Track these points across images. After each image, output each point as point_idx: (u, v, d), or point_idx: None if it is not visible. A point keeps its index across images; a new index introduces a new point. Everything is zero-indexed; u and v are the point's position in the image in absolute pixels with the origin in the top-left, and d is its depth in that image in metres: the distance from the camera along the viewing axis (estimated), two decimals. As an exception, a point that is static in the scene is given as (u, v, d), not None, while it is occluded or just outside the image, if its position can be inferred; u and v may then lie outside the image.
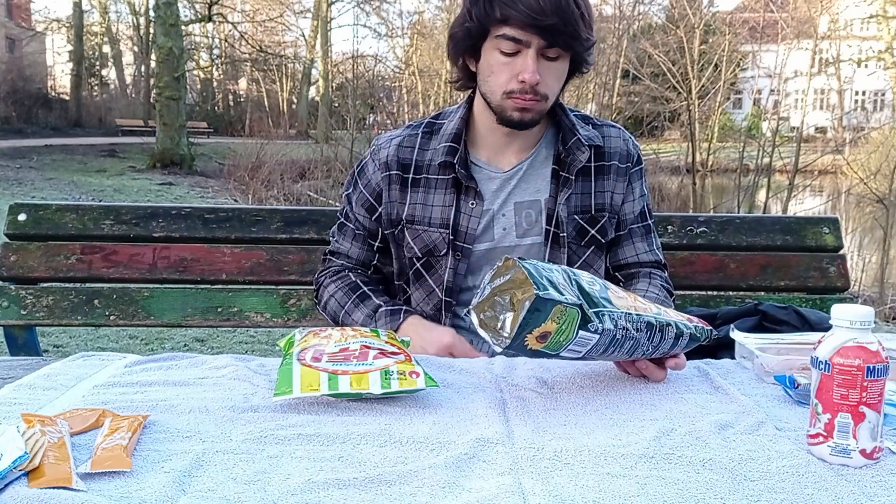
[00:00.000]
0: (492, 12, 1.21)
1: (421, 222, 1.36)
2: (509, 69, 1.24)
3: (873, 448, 0.78)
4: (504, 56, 1.24)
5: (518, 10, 1.19)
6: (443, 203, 1.35)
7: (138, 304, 1.74)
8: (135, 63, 32.72)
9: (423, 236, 1.35)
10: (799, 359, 0.98)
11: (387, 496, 0.70)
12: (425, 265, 1.37)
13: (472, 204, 1.34)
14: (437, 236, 1.35)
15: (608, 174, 1.38)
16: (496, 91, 1.27)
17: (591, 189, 1.36)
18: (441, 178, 1.35)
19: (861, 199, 8.92)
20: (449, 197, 1.35)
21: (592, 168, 1.37)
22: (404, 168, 1.37)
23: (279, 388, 0.92)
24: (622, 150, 1.40)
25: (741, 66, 17.90)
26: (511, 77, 1.24)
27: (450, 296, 1.36)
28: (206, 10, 18.52)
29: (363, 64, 22.74)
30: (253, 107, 30.38)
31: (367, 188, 1.41)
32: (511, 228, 1.35)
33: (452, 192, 1.35)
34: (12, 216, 1.77)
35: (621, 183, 1.39)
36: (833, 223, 1.84)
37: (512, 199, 1.35)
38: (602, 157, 1.38)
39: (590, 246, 1.37)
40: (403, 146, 1.39)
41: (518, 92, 1.25)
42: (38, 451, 0.73)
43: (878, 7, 19.02)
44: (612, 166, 1.38)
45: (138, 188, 11.80)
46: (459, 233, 1.34)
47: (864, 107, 24.73)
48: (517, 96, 1.25)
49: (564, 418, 0.90)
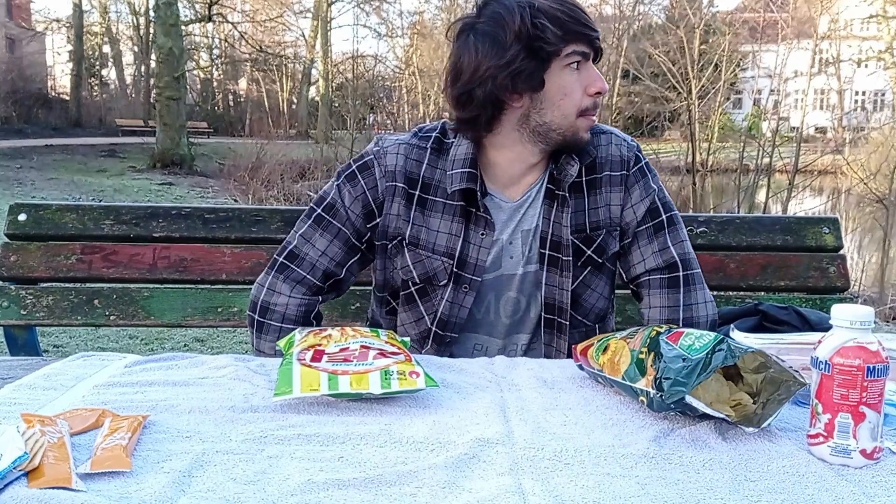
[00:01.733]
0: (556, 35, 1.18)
1: (425, 247, 1.29)
2: (579, 86, 1.22)
3: (873, 448, 0.78)
4: (574, 72, 1.21)
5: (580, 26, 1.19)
6: (449, 231, 1.28)
7: (138, 304, 1.74)
8: (135, 63, 32.73)
9: (426, 262, 1.29)
10: (799, 359, 0.98)
11: (387, 496, 0.70)
12: (420, 291, 1.31)
13: (482, 234, 1.28)
14: (438, 265, 1.28)
15: (600, 187, 1.31)
16: (570, 113, 1.22)
17: (584, 206, 1.30)
18: (450, 203, 1.28)
19: (861, 199, 8.92)
20: (457, 225, 1.28)
21: (584, 183, 1.30)
22: (411, 183, 1.29)
23: (279, 389, 0.92)
24: (614, 157, 1.32)
25: (741, 66, 17.91)
26: (582, 94, 1.22)
27: (441, 327, 1.30)
28: (206, 10, 18.51)
29: (363, 64, 22.78)
30: (253, 107, 30.42)
31: (370, 191, 1.30)
32: (519, 258, 1.30)
33: (461, 220, 1.28)
34: (12, 216, 1.77)
35: (618, 193, 1.31)
36: (833, 223, 1.84)
37: (520, 228, 1.30)
38: (593, 170, 1.31)
39: (587, 266, 1.30)
40: (412, 158, 1.30)
41: (592, 108, 1.24)
42: (38, 451, 0.73)
43: (878, 7, 19.00)
44: (604, 178, 1.31)
45: (138, 188, 11.80)
46: (468, 264, 1.28)
47: (864, 107, 24.72)
48: (591, 113, 1.24)
49: (564, 418, 0.90)
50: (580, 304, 1.32)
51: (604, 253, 1.31)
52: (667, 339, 0.90)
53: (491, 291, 1.31)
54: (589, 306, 1.34)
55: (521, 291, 1.32)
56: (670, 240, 1.33)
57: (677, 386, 0.83)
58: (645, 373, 0.89)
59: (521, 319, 1.34)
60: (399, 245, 1.30)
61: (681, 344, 0.88)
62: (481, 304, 1.32)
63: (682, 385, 0.83)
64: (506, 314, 1.33)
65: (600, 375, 1.00)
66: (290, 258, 1.32)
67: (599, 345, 1.02)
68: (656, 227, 1.33)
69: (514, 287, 1.32)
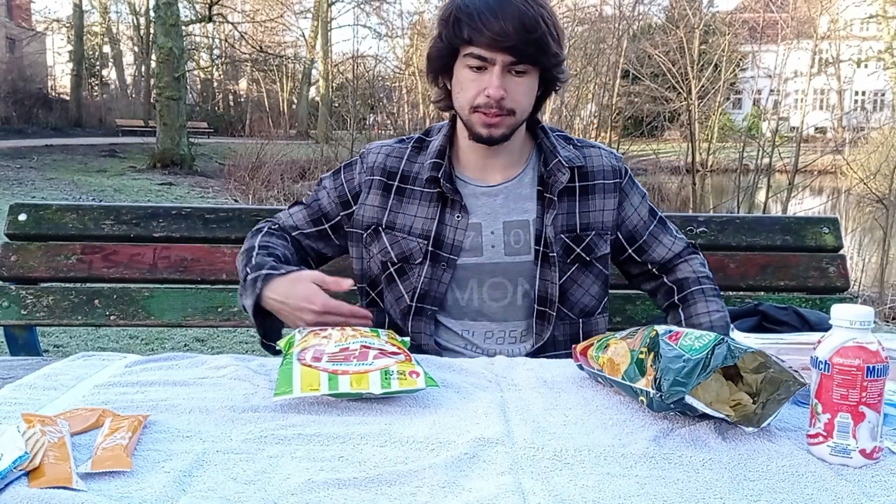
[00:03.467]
0: (460, 34, 1.27)
1: (401, 230, 1.38)
2: (476, 85, 1.28)
3: (873, 448, 0.79)
4: (472, 72, 1.28)
5: (483, 33, 1.24)
6: (425, 215, 1.38)
7: (139, 304, 1.75)
8: (135, 63, 32.73)
9: (402, 243, 1.38)
10: (799, 359, 0.98)
11: (387, 496, 0.70)
12: (399, 271, 1.39)
13: (457, 217, 1.37)
14: (414, 245, 1.37)
15: (593, 193, 1.41)
16: (465, 106, 1.31)
17: (575, 209, 1.40)
18: (426, 191, 1.39)
19: (861, 199, 8.91)
20: (433, 210, 1.38)
21: (577, 188, 1.40)
22: (390, 175, 1.41)
23: (279, 388, 0.92)
24: (607, 167, 1.43)
25: (741, 67, 17.91)
26: (478, 92, 1.28)
27: (421, 301, 1.38)
28: (206, 10, 18.50)
29: (363, 64, 22.76)
30: (253, 107, 30.40)
31: (347, 183, 1.43)
32: (500, 246, 1.37)
33: (437, 205, 1.38)
34: (13, 216, 1.77)
35: (612, 199, 1.42)
36: (833, 223, 1.84)
37: (500, 218, 1.38)
38: (586, 178, 1.41)
39: (574, 263, 1.40)
40: (392, 156, 1.42)
41: (484, 106, 1.28)
42: (39, 451, 0.73)
43: (878, 7, 19.01)
44: (597, 185, 1.41)
45: (138, 188, 11.80)
46: (445, 244, 1.37)
47: (864, 107, 24.72)
48: (483, 111, 1.29)
49: (564, 418, 0.90)
50: (566, 297, 1.40)
51: (591, 252, 1.41)
52: (667, 339, 0.90)
53: (473, 277, 1.38)
54: (574, 300, 1.41)
55: (508, 278, 1.38)
56: (674, 231, 1.51)
57: (677, 386, 0.83)
58: (645, 373, 0.89)
59: (509, 305, 1.39)
60: (375, 232, 1.41)
61: (681, 344, 0.88)
62: (464, 290, 1.38)
63: (682, 385, 0.83)
64: (492, 298, 1.39)
65: (600, 375, 1.00)
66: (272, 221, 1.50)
67: (599, 345, 1.02)
68: (661, 223, 1.49)
69: (499, 273, 1.38)
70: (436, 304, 1.38)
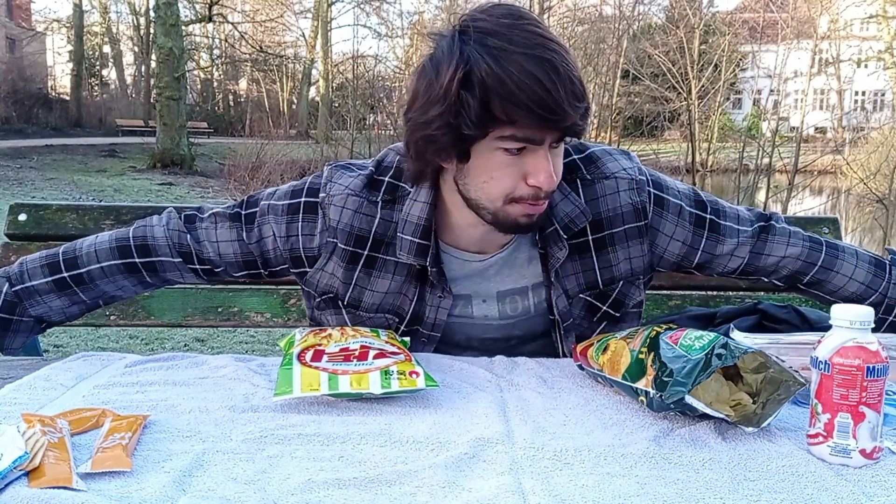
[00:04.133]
0: (491, 112, 0.95)
1: (367, 309, 1.16)
2: (516, 171, 1.00)
3: (873, 448, 0.79)
4: (508, 156, 0.99)
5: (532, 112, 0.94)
6: (399, 291, 1.15)
7: (138, 303, 1.74)
8: (135, 63, 32.73)
9: (367, 321, 1.16)
10: (799, 359, 0.97)
11: (387, 496, 0.70)
12: None
13: (439, 296, 1.14)
14: (382, 321, 1.16)
15: (613, 244, 1.15)
16: (496, 198, 1.02)
17: (594, 265, 1.15)
18: (402, 262, 1.13)
19: (861, 199, 8.91)
20: (409, 286, 1.14)
21: (591, 242, 1.14)
22: (357, 242, 1.13)
23: (279, 388, 0.92)
24: (626, 209, 1.15)
25: (741, 67, 17.91)
26: (518, 180, 1.01)
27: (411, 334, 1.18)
28: (206, 10, 18.52)
29: (363, 64, 22.72)
30: (253, 107, 30.39)
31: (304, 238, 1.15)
32: (494, 317, 1.18)
33: (416, 282, 1.14)
34: (12, 216, 1.77)
35: (638, 245, 1.16)
36: (833, 223, 1.84)
37: (494, 288, 1.17)
38: (600, 227, 1.14)
39: (602, 322, 1.18)
40: (361, 213, 1.13)
41: (529, 197, 1.02)
42: (39, 451, 0.73)
43: (878, 7, 19.01)
44: (618, 234, 1.15)
45: (139, 188, 11.80)
46: (425, 323, 1.16)
47: (864, 107, 24.72)
48: (528, 202, 1.02)
49: (564, 418, 0.90)
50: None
51: (622, 306, 1.19)
52: (667, 339, 0.90)
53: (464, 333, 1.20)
54: None
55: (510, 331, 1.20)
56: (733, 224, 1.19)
57: (677, 386, 0.83)
58: (645, 373, 0.89)
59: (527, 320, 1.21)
60: (332, 301, 1.18)
61: (681, 344, 0.88)
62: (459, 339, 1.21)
63: (682, 385, 0.83)
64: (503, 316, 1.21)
65: (600, 375, 1.00)
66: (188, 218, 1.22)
67: (599, 345, 1.02)
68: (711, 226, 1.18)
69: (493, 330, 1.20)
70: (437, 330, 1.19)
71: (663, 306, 1.78)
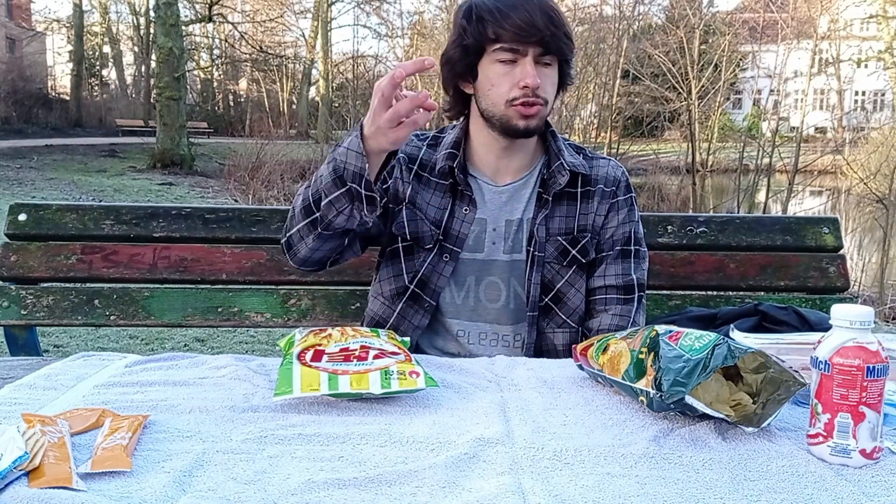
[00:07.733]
0: (485, 30, 1.28)
1: (420, 210, 1.40)
2: (509, 78, 1.29)
3: (873, 448, 0.79)
4: (503, 66, 1.29)
5: (511, 26, 1.26)
6: (438, 205, 1.40)
7: (139, 304, 1.75)
8: (135, 63, 32.73)
9: (418, 223, 1.40)
10: (799, 359, 0.98)
11: (387, 496, 0.70)
12: (406, 249, 1.41)
13: (465, 210, 1.39)
14: (427, 230, 1.39)
15: (592, 198, 1.42)
16: (499, 102, 1.31)
17: (575, 212, 1.41)
18: (441, 181, 1.41)
19: (861, 199, 8.92)
20: (445, 200, 1.40)
21: (578, 193, 1.41)
22: (411, 160, 1.43)
23: (279, 388, 0.92)
24: (610, 176, 1.43)
25: (741, 67, 17.90)
26: (512, 85, 1.29)
27: (420, 288, 1.39)
28: (206, 10, 18.51)
29: (363, 64, 22.75)
30: (253, 107, 30.39)
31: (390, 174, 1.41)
32: (500, 243, 1.39)
33: (449, 197, 1.40)
34: (12, 216, 1.77)
35: (604, 205, 1.42)
36: (833, 223, 1.84)
37: (503, 216, 1.40)
38: (588, 183, 1.42)
39: (571, 266, 1.40)
40: (411, 145, 1.44)
41: (520, 98, 1.29)
42: (39, 451, 0.73)
43: (878, 7, 19.00)
44: (597, 190, 1.42)
45: (138, 188, 11.80)
46: (451, 235, 1.39)
47: (864, 107, 24.71)
48: (520, 102, 1.29)
49: (564, 418, 0.90)
50: (564, 302, 1.40)
51: (586, 254, 1.41)
52: (667, 339, 0.90)
53: (471, 274, 1.39)
54: (573, 306, 1.40)
55: (502, 278, 1.39)
56: (633, 269, 1.42)
57: (677, 386, 0.83)
58: (645, 373, 0.89)
59: (503, 308, 1.40)
60: (400, 206, 1.42)
61: (681, 344, 0.88)
62: (462, 287, 1.40)
63: (682, 385, 0.83)
64: (488, 299, 1.40)
65: (600, 375, 1.00)
66: None
67: (599, 345, 1.02)
68: (624, 253, 1.43)
69: (495, 272, 1.39)
70: (434, 297, 1.39)
71: (663, 306, 1.78)
